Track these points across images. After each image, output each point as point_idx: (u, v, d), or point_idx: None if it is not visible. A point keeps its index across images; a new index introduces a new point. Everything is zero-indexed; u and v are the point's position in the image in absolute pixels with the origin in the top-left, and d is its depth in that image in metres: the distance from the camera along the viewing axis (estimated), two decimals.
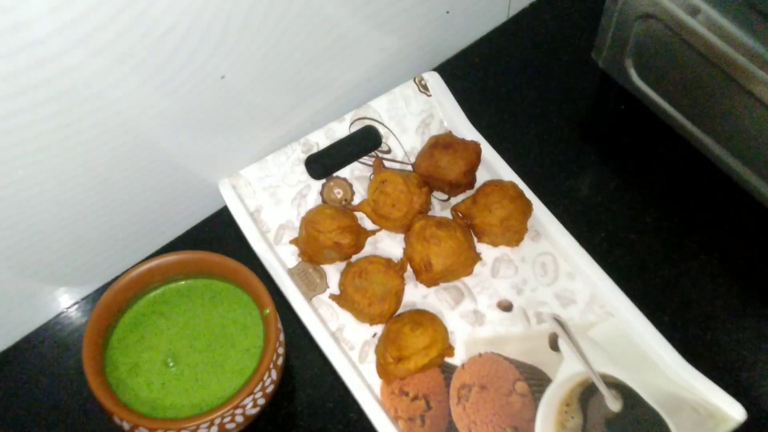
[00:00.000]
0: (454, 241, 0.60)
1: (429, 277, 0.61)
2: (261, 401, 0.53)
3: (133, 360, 0.54)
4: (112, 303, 0.55)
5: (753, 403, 0.56)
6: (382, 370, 0.58)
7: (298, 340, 0.60)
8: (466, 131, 0.69)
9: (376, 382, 0.58)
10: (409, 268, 0.62)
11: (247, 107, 0.61)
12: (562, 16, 0.79)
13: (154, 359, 0.54)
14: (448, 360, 0.59)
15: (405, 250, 0.63)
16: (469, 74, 0.75)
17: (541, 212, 0.64)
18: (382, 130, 0.68)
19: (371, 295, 0.59)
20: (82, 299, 0.64)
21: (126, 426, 0.51)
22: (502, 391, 0.57)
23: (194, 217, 0.67)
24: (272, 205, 0.65)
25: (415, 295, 0.62)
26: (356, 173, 0.67)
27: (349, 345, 0.60)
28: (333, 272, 0.63)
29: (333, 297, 0.61)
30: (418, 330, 0.56)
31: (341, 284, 0.61)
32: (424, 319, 0.58)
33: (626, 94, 0.71)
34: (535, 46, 0.77)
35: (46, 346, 0.61)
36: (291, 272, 0.62)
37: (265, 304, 0.54)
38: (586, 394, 0.57)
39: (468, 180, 0.65)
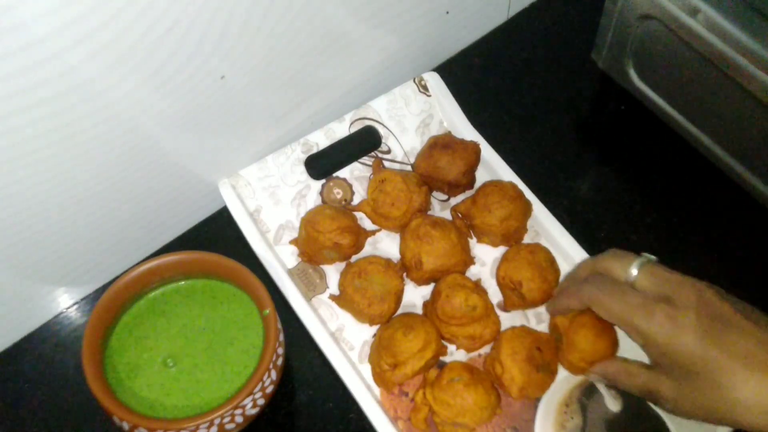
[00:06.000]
0: (446, 242, 0.60)
1: (418, 275, 0.60)
2: (261, 401, 0.53)
3: (133, 360, 0.54)
4: (112, 303, 0.55)
5: None
6: (379, 378, 0.57)
7: (298, 340, 0.60)
8: (466, 131, 0.69)
9: None
10: None
11: (247, 107, 0.61)
12: (562, 17, 0.79)
13: (153, 359, 0.54)
14: (448, 360, 0.59)
15: (399, 246, 0.62)
16: (469, 74, 0.75)
17: (540, 212, 0.64)
18: (381, 130, 0.68)
19: (371, 295, 0.58)
20: (82, 299, 0.64)
21: (126, 426, 0.51)
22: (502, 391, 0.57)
23: (194, 217, 0.67)
24: (272, 205, 0.65)
25: (415, 295, 0.62)
26: (356, 173, 0.67)
27: (348, 345, 0.60)
28: (333, 272, 0.63)
29: (333, 297, 0.61)
30: (411, 334, 0.56)
31: (341, 284, 0.61)
32: (414, 322, 0.57)
33: (626, 94, 0.71)
34: (535, 46, 0.77)
35: (46, 346, 0.61)
36: (291, 272, 0.62)
37: (264, 304, 0.54)
38: (586, 394, 0.57)
39: (467, 180, 0.65)
